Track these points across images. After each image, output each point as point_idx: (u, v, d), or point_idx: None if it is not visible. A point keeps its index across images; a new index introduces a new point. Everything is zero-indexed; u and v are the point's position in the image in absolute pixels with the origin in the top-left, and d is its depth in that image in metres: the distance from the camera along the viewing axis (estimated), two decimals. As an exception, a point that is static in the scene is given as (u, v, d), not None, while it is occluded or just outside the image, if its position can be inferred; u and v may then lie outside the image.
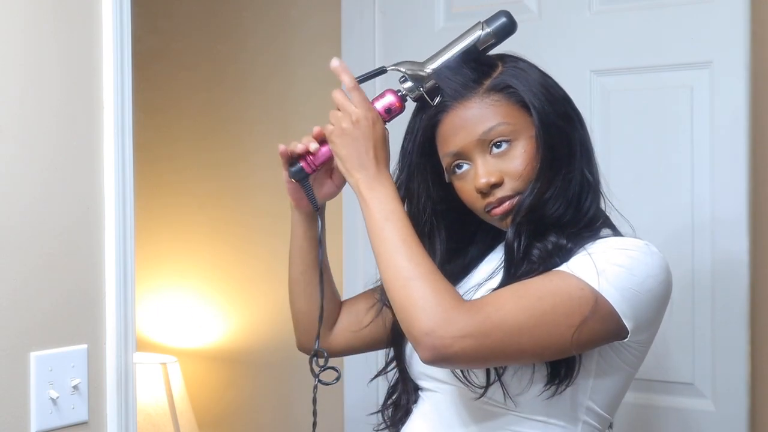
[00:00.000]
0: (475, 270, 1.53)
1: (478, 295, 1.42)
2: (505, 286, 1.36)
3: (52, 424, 1.47)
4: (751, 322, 2.03)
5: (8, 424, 1.42)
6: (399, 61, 1.46)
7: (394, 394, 1.58)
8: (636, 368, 1.44)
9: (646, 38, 2.13)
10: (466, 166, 1.43)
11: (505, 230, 1.43)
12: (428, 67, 1.44)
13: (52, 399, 1.46)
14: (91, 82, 1.53)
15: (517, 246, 1.39)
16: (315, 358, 1.52)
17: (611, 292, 1.32)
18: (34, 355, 1.45)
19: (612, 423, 1.49)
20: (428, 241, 1.49)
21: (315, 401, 1.49)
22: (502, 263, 1.44)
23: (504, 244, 1.43)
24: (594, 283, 1.31)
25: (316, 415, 1.50)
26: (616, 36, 2.16)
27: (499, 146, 1.41)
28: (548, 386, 1.36)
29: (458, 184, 1.46)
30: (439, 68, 1.44)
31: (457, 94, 1.42)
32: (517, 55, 1.46)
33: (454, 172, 1.45)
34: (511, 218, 1.41)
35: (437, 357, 1.30)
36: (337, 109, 1.43)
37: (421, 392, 1.52)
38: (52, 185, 1.48)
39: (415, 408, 1.53)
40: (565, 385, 1.36)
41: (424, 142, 1.47)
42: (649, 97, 2.14)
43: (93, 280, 1.54)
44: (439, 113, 1.44)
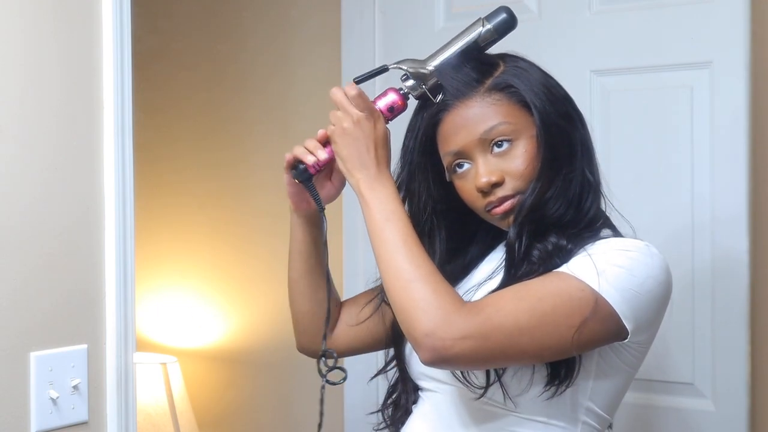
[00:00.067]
0: (475, 270, 1.52)
1: (478, 295, 1.42)
2: (506, 288, 1.36)
3: (52, 424, 1.47)
4: (751, 322, 2.03)
5: (8, 424, 1.42)
6: (401, 59, 1.46)
7: (394, 394, 1.58)
8: (636, 369, 1.44)
9: (646, 38, 2.13)
10: (467, 165, 1.43)
11: (506, 230, 1.43)
12: (430, 65, 1.44)
13: (52, 399, 1.46)
14: (91, 82, 1.53)
15: (518, 246, 1.39)
16: (323, 359, 1.52)
17: (611, 293, 1.32)
18: (34, 355, 1.45)
19: (612, 423, 1.49)
20: (428, 241, 1.49)
21: (322, 402, 1.49)
22: (503, 263, 1.44)
23: (505, 244, 1.43)
24: (594, 284, 1.31)
25: (322, 415, 1.49)
26: (616, 36, 2.16)
27: (500, 145, 1.41)
28: (548, 387, 1.36)
29: (459, 183, 1.46)
30: (441, 65, 1.44)
31: (459, 93, 1.42)
32: (519, 55, 1.46)
33: (455, 171, 1.45)
34: (513, 218, 1.40)
35: (437, 358, 1.30)
36: (337, 109, 1.43)
37: (420, 392, 1.52)
38: (52, 185, 1.48)
39: (414, 408, 1.52)
40: (565, 385, 1.36)
41: (426, 141, 1.47)
42: (649, 97, 2.14)
43: (93, 280, 1.54)
44: (440, 112, 1.44)
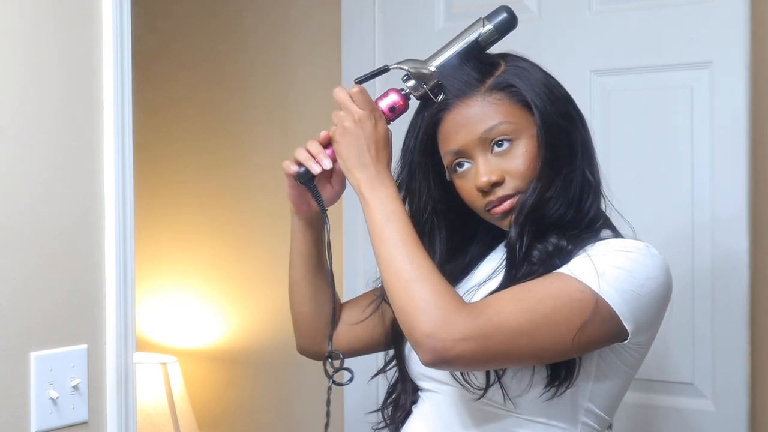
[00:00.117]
0: (476, 270, 1.52)
1: (478, 296, 1.42)
2: (506, 289, 1.35)
3: (52, 424, 1.47)
4: (751, 322, 2.03)
5: (8, 424, 1.42)
6: (402, 60, 1.46)
7: (394, 394, 1.58)
8: (635, 370, 1.44)
9: (646, 38, 2.13)
10: (467, 165, 1.43)
11: (506, 229, 1.43)
12: (431, 65, 1.44)
13: (52, 399, 1.46)
14: (91, 82, 1.53)
15: (519, 246, 1.39)
16: (329, 360, 1.52)
17: (611, 295, 1.32)
18: (34, 355, 1.45)
19: (611, 424, 1.48)
20: (428, 241, 1.49)
21: (329, 402, 1.49)
22: (503, 263, 1.43)
23: (506, 244, 1.43)
24: (594, 286, 1.31)
25: (329, 416, 1.50)
26: (616, 36, 2.16)
27: (500, 145, 1.40)
28: (548, 388, 1.36)
29: (459, 183, 1.45)
30: (442, 66, 1.44)
31: (459, 92, 1.42)
32: (520, 55, 1.46)
33: (455, 171, 1.45)
34: (514, 218, 1.40)
35: (438, 359, 1.30)
36: (340, 108, 1.43)
37: (420, 393, 1.52)
38: (52, 185, 1.48)
39: (414, 408, 1.52)
40: (565, 386, 1.36)
41: (426, 141, 1.47)
42: (649, 97, 2.14)
43: (93, 280, 1.54)
44: (440, 111, 1.44)
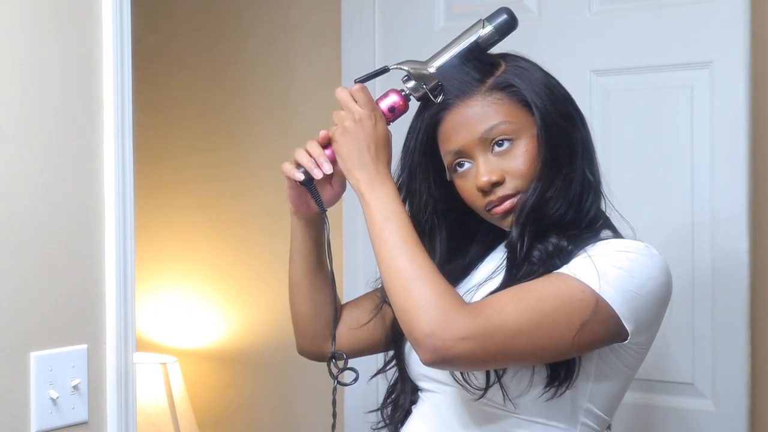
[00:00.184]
0: (476, 270, 1.52)
1: (479, 296, 1.42)
2: (506, 288, 1.35)
3: (52, 424, 1.47)
4: (751, 322, 2.03)
5: (8, 424, 1.42)
6: (402, 60, 1.46)
7: (393, 393, 1.58)
8: (635, 370, 1.44)
9: (646, 38, 2.13)
10: (467, 165, 1.43)
11: (507, 229, 1.43)
12: (431, 66, 1.44)
13: (52, 399, 1.46)
14: (91, 82, 1.53)
15: (519, 246, 1.39)
16: (333, 360, 1.52)
17: (612, 295, 1.32)
18: (34, 355, 1.45)
19: (610, 424, 1.48)
20: (429, 241, 1.49)
21: (334, 403, 1.49)
22: (503, 263, 1.43)
23: (506, 244, 1.43)
24: (595, 286, 1.31)
25: (335, 416, 1.49)
26: (616, 36, 2.16)
27: (500, 145, 1.41)
28: (548, 388, 1.36)
29: (459, 183, 1.45)
30: (442, 67, 1.44)
31: (460, 92, 1.42)
32: (520, 55, 1.46)
33: (456, 171, 1.45)
34: (515, 218, 1.40)
35: (438, 359, 1.30)
36: (341, 108, 1.43)
37: (420, 393, 1.52)
38: (52, 185, 1.48)
39: (414, 408, 1.52)
40: (565, 387, 1.36)
41: (426, 141, 1.47)
42: (649, 97, 2.14)
43: (93, 280, 1.54)
44: (441, 111, 1.44)
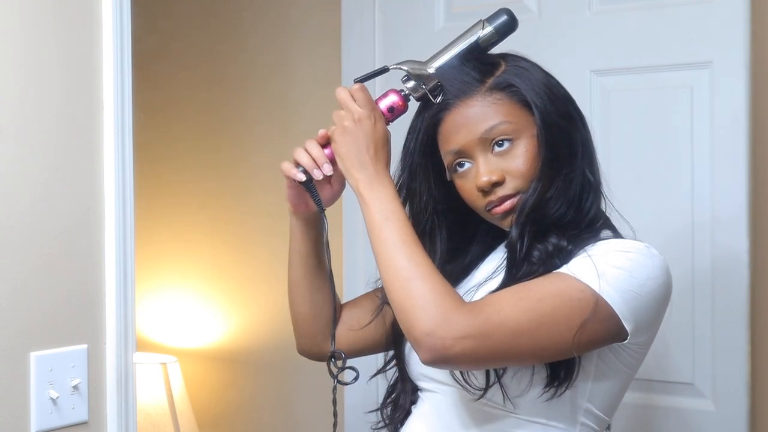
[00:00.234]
0: (476, 270, 1.52)
1: (479, 296, 1.42)
2: (506, 288, 1.36)
3: (52, 424, 1.47)
4: (751, 322, 2.03)
5: (8, 424, 1.42)
6: (401, 60, 1.46)
7: (393, 393, 1.58)
8: (635, 370, 1.44)
9: (646, 38, 2.13)
10: (467, 165, 1.43)
11: (507, 229, 1.43)
12: (431, 66, 1.44)
13: (52, 399, 1.46)
14: (91, 82, 1.53)
15: (520, 246, 1.39)
16: (332, 360, 1.52)
17: (611, 294, 1.32)
18: (34, 355, 1.45)
19: (610, 424, 1.48)
20: (429, 241, 1.49)
21: (335, 402, 1.49)
22: (503, 263, 1.44)
23: (506, 244, 1.43)
24: (594, 285, 1.31)
25: (336, 416, 1.50)
26: (616, 36, 2.16)
27: (500, 145, 1.41)
28: (547, 388, 1.36)
29: (459, 183, 1.46)
30: (441, 67, 1.44)
31: (460, 92, 1.42)
32: (520, 55, 1.46)
33: (456, 171, 1.45)
34: (515, 218, 1.40)
35: (437, 358, 1.30)
36: (341, 108, 1.43)
37: (420, 393, 1.52)
38: (52, 185, 1.48)
39: (414, 408, 1.52)
40: (565, 387, 1.36)
41: (426, 141, 1.47)
42: (649, 97, 2.14)
43: (93, 280, 1.54)
44: (441, 111, 1.44)
